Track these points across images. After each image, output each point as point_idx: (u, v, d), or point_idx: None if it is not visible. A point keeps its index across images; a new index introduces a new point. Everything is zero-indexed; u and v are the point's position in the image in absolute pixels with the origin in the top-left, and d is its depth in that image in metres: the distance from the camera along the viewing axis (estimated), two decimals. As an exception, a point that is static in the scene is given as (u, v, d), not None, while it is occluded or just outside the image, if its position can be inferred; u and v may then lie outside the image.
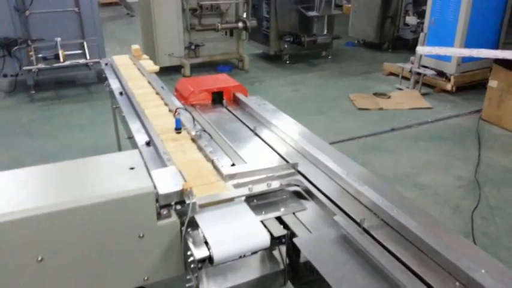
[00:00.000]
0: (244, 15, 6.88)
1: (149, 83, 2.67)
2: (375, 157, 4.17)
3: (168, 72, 6.42)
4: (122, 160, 1.37)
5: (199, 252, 1.23)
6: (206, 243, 1.26)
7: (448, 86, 5.75)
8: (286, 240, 1.33)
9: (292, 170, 1.66)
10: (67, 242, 1.21)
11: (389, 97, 5.71)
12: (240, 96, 2.45)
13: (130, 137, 2.10)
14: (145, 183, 1.26)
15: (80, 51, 5.87)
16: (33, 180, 1.29)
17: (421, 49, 5.40)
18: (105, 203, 1.20)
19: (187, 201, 1.30)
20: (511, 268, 1.21)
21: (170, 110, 2.19)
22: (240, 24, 6.73)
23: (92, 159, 1.41)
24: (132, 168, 1.33)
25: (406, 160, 4.11)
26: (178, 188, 1.33)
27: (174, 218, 1.32)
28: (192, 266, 1.24)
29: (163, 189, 1.31)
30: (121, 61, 3.19)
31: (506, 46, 5.99)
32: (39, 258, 1.18)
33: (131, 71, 2.96)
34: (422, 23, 6.16)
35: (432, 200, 3.48)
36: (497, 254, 2.84)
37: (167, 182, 1.36)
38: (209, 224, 1.32)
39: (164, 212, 1.31)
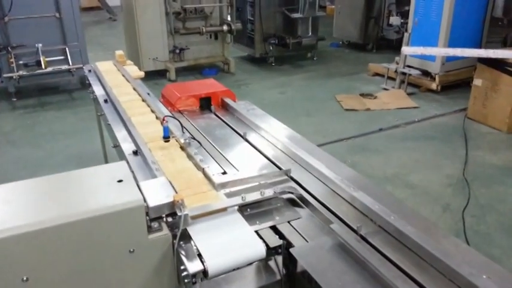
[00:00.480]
0: (229, 18, 6.84)
1: (134, 89, 2.60)
2: (364, 158, 4.16)
3: (152, 76, 6.34)
4: (109, 172, 1.32)
5: (193, 266, 1.19)
6: (200, 256, 1.21)
7: (433, 85, 5.79)
8: (282, 250, 1.29)
9: (285, 177, 1.63)
10: (53, 260, 1.15)
11: (375, 97, 5.72)
12: (229, 101, 2.41)
13: (117, 146, 2.04)
14: (134, 196, 1.21)
15: (62, 57, 5.76)
16: (17, 196, 1.23)
17: (406, 49, 5.43)
18: (93, 219, 1.15)
19: (179, 213, 1.26)
20: (505, 266, 1.20)
21: (157, 118, 2.14)
22: (225, 27, 6.69)
23: (78, 172, 1.35)
24: (120, 181, 1.27)
25: (395, 160, 4.11)
26: (169, 199, 1.28)
27: (166, 231, 1.27)
28: (185, 280, 1.20)
29: (153, 202, 1.27)
30: (105, 67, 3.12)
31: (489, 45, 6.07)
32: (24, 278, 1.12)
33: (116, 77, 2.89)
34: (406, 23, 6.20)
35: (422, 200, 3.48)
36: (489, 252, 2.84)
37: (157, 193, 1.31)
38: (202, 236, 1.27)
39: (155, 225, 1.27)
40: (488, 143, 4.47)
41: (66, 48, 5.76)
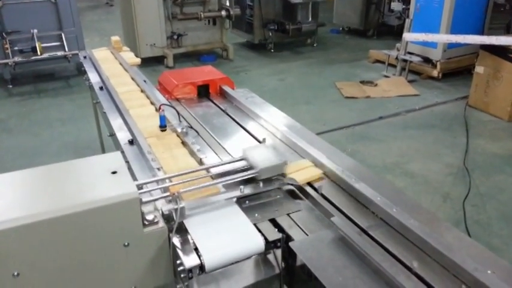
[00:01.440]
0: (227, 3, 6.74)
1: (133, 79, 2.55)
2: (364, 146, 4.12)
3: (150, 63, 6.26)
4: (103, 164, 1.27)
5: (189, 260, 1.16)
6: (196, 250, 1.18)
7: (435, 73, 5.73)
8: (281, 244, 1.26)
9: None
10: (45, 254, 1.11)
11: (376, 85, 5.66)
12: (227, 89, 2.35)
13: (113, 135, 1.99)
14: (129, 188, 1.17)
15: (58, 43, 5.67)
16: (8, 188, 1.19)
17: (408, 35, 5.35)
18: (86, 212, 1.11)
19: (175, 206, 1.22)
20: (505, 255, 1.17)
21: (153, 104, 2.09)
22: (223, 13, 6.58)
23: (71, 163, 1.30)
24: (114, 172, 1.23)
25: (395, 149, 4.07)
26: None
27: (161, 224, 1.24)
28: (182, 275, 1.16)
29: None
30: (100, 54, 3.06)
31: (492, 31, 5.99)
32: (15, 273, 1.09)
33: (111, 64, 2.83)
34: (408, 9, 6.11)
35: (422, 189, 3.45)
36: (489, 242, 2.82)
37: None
38: (199, 229, 1.23)
39: (150, 217, 1.23)
40: (490, 132, 4.43)
41: (62, 34, 5.67)
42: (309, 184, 1.51)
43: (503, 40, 4.40)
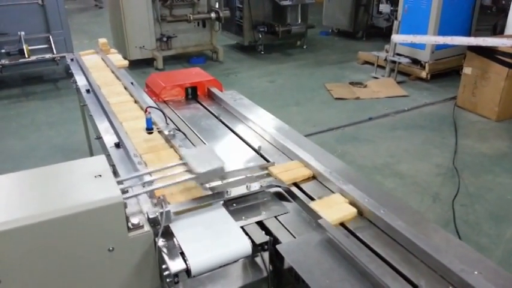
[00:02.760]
0: (217, 5, 6.72)
1: (117, 78, 2.53)
2: (354, 147, 4.13)
3: (139, 65, 6.22)
4: (87, 167, 1.26)
5: (174, 265, 1.14)
6: (182, 254, 1.16)
7: (423, 74, 5.77)
8: (268, 246, 1.24)
9: (272, 169, 1.58)
10: (28, 260, 1.09)
11: (365, 86, 5.68)
12: (215, 91, 2.34)
13: (99, 137, 1.97)
14: (113, 192, 1.15)
15: (45, 46, 5.61)
16: (-13, 193, 1.16)
17: (396, 37, 5.38)
18: (69, 217, 1.09)
19: (160, 210, 1.20)
20: (493, 254, 1.17)
21: (141, 108, 2.07)
22: (213, 15, 6.57)
23: (54, 167, 1.28)
24: (98, 176, 1.21)
25: (384, 149, 4.09)
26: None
27: (147, 228, 1.22)
28: (168, 280, 1.15)
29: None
30: (88, 56, 3.03)
31: (479, 32, 6.05)
32: (-4, 281, 1.07)
33: (98, 66, 2.80)
34: (396, 10, 6.14)
35: (412, 189, 3.46)
36: (478, 242, 2.84)
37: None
38: (185, 233, 1.22)
39: (135, 221, 1.21)
40: (478, 132, 4.46)
41: (50, 37, 5.61)
42: (297, 186, 1.50)
43: (490, 41, 4.44)
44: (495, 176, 3.62)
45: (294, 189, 1.48)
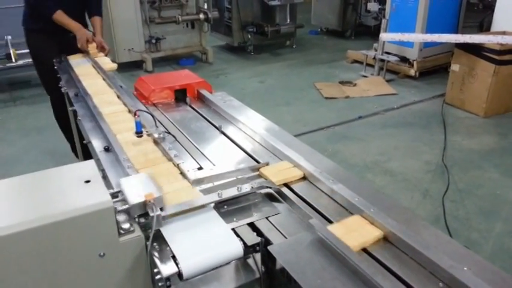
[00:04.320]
0: (205, 6, 6.72)
1: (104, 80, 2.51)
2: (344, 146, 4.16)
3: (129, 68, 6.20)
4: (76, 172, 1.25)
5: (166, 269, 1.14)
6: (174, 257, 1.16)
7: (412, 72, 5.81)
8: (260, 248, 1.25)
9: (263, 171, 1.58)
10: (17, 268, 1.08)
11: (355, 85, 5.72)
12: (205, 93, 2.34)
13: (89, 142, 1.96)
14: (103, 197, 1.15)
15: (33, 50, 5.56)
16: (-25, 200, 1.15)
17: (384, 36, 5.42)
18: (58, 223, 1.08)
19: (151, 214, 1.20)
20: (483, 249, 1.19)
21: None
22: (201, 16, 6.56)
23: (43, 173, 1.27)
24: (87, 181, 1.21)
25: (374, 147, 4.12)
26: (141, 199, 1.22)
27: (138, 232, 1.22)
28: (159, 284, 1.15)
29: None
30: (76, 60, 3.01)
31: (466, 30, 6.12)
32: (-15, 290, 1.06)
33: (87, 71, 2.78)
34: (384, 9, 6.18)
35: (402, 186, 3.49)
36: (469, 237, 2.87)
37: (131, 192, 1.24)
38: (176, 237, 1.22)
39: (126, 226, 1.20)
40: (466, 128, 4.51)
41: (37, 40, 5.56)
42: (288, 187, 1.51)
43: (477, 38, 4.49)
44: (484, 172, 3.66)
45: (285, 190, 1.48)
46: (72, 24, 3.08)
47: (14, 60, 5.31)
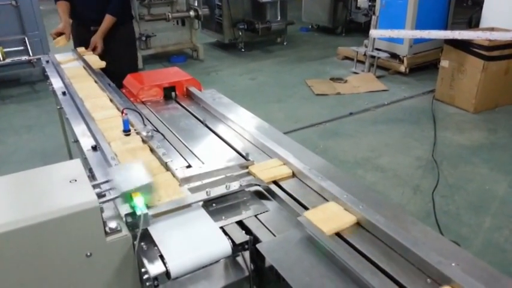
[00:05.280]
0: (196, 3, 6.68)
1: (95, 81, 2.48)
2: (335, 143, 4.16)
3: (118, 65, 6.14)
4: (61, 172, 1.23)
5: (154, 268, 1.13)
6: (162, 257, 1.15)
7: (402, 68, 5.84)
8: (249, 246, 1.24)
9: (252, 168, 1.57)
10: (4, 268, 1.06)
11: (345, 81, 5.72)
12: (194, 90, 2.32)
13: (76, 141, 1.94)
14: (88, 197, 1.13)
15: (21, 48, 5.51)
16: (-42, 201, 1.13)
17: (374, 32, 5.43)
18: (43, 224, 1.07)
19: (138, 213, 1.19)
20: (473, 243, 1.19)
21: (112, 102, 2.05)
22: (192, 13, 6.53)
23: (28, 172, 1.25)
24: (73, 181, 1.19)
25: (365, 144, 4.13)
26: (132, 187, 1.21)
27: (125, 232, 1.20)
28: (147, 283, 1.14)
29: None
30: (63, 58, 2.98)
31: (455, 26, 6.14)
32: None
33: (75, 69, 2.75)
34: (374, 5, 6.19)
35: (393, 182, 3.51)
36: (459, 232, 2.89)
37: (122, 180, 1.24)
38: (164, 236, 1.21)
39: (113, 226, 1.19)
40: (456, 124, 4.54)
41: (26, 38, 5.50)
42: (277, 184, 1.50)
43: (466, 34, 4.52)
44: (474, 167, 3.69)
45: (274, 188, 1.48)
46: (62, 19, 3.06)
47: (1, 58, 5.24)
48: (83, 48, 3.10)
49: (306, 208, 1.37)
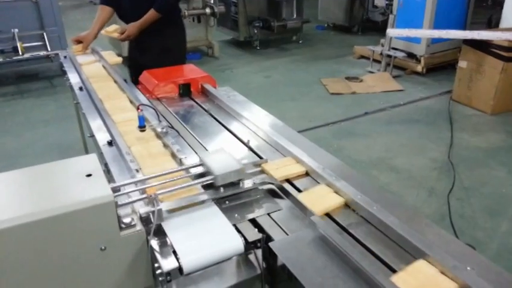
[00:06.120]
0: (212, 0, 6.69)
1: (109, 74, 2.51)
2: (350, 142, 4.13)
3: (135, 62, 6.19)
4: (77, 166, 1.25)
5: (167, 263, 1.14)
6: (174, 252, 1.16)
7: (419, 68, 5.76)
8: (261, 244, 1.24)
9: (266, 166, 1.57)
10: (20, 260, 1.09)
11: (361, 81, 5.68)
12: (209, 87, 2.33)
13: (92, 135, 1.96)
14: (104, 191, 1.15)
15: (40, 43, 5.59)
16: (-23, 193, 1.15)
17: (391, 31, 5.37)
18: (59, 217, 1.09)
19: (152, 208, 1.20)
20: (488, 248, 1.17)
21: (131, 102, 2.06)
22: (208, 10, 6.53)
23: (44, 166, 1.27)
24: (89, 175, 1.20)
25: (380, 144, 4.09)
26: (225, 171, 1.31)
27: (139, 227, 1.22)
28: (160, 278, 1.14)
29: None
30: (82, 56, 3.01)
31: (474, 26, 6.04)
32: (-13, 281, 1.06)
33: (91, 64, 2.78)
34: (391, 4, 6.12)
35: (407, 184, 3.47)
36: (474, 236, 2.85)
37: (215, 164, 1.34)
38: (177, 232, 1.22)
39: (127, 221, 1.20)
40: (473, 125, 4.47)
41: (44, 34, 5.58)
42: (290, 183, 1.50)
43: (485, 35, 4.44)
44: (490, 170, 3.63)
45: (287, 186, 1.47)
46: (92, 26, 3.07)
47: (20, 53, 5.33)
48: (113, 26, 3.07)
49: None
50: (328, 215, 1.34)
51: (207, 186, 1.41)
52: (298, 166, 1.56)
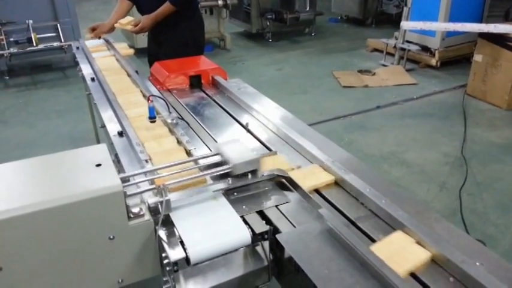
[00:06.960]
0: (224, -8, 6.67)
1: (122, 67, 2.52)
2: (361, 136, 4.11)
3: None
4: (87, 156, 1.26)
5: (174, 254, 1.14)
6: (182, 243, 1.17)
7: (433, 61, 5.68)
8: (269, 236, 1.24)
9: (275, 159, 1.57)
10: (29, 248, 1.10)
11: (374, 74, 5.62)
12: (219, 79, 2.33)
13: (103, 126, 1.97)
14: (113, 181, 1.16)
15: (53, 34, 5.65)
16: (-11, 181, 1.17)
17: (405, 24, 5.30)
18: (69, 205, 1.10)
19: (160, 199, 1.20)
20: (500, 244, 1.16)
21: (144, 96, 2.06)
22: (220, 2, 6.51)
23: (54, 156, 1.29)
24: (98, 165, 1.22)
25: (392, 138, 4.06)
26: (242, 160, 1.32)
27: (147, 217, 1.22)
28: (167, 268, 1.15)
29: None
30: (93, 45, 3.03)
31: (490, 19, 5.93)
32: (-2, 268, 1.08)
33: (103, 55, 2.80)
34: (406, -4, 6.04)
35: (419, 178, 3.44)
36: (485, 231, 2.82)
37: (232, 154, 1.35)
38: (185, 222, 1.22)
39: (136, 211, 1.21)
40: (487, 120, 4.40)
41: (58, 25, 5.64)
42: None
43: (502, 28, 4.36)
44: (504, 165, 3.58)
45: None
46: (110, 17, 3.11)
47: (35, 44, 5.39)
48: (127, 18, 3.07)
49: (327, 201, 1.36)
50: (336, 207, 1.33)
51: (216, 178, 1.41)
52: (325, 174, 1.49)
